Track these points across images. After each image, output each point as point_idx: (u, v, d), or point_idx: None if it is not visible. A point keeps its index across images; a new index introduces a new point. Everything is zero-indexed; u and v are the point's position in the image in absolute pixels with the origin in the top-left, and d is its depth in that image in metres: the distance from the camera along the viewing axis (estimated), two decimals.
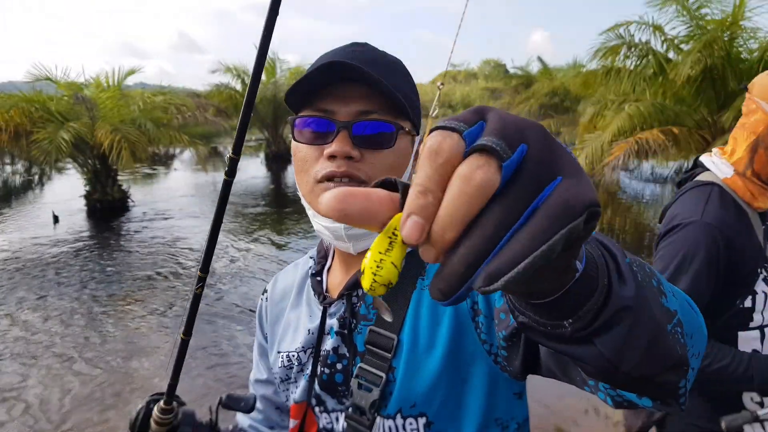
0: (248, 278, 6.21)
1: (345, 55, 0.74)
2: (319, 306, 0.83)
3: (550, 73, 20.89)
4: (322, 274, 0.87)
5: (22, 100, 9.48)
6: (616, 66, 9.20)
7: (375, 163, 0.73)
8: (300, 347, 0.84)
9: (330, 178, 0.72)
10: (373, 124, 0.73)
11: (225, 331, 4.67)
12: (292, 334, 0.87)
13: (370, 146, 0.73)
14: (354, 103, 0.72)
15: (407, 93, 0.75)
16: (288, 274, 0.96)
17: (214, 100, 16.88)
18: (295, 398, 0.84)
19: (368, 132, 0.73)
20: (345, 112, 0.72)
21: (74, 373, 3.96)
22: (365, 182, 0.72)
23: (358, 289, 0.79)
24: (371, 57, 0.76)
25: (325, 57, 0.77)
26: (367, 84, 0.71)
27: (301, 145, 0.75)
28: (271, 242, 7.99)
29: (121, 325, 4.88)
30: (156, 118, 10.72)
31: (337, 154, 0.71)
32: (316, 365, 0.81)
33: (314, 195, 0.74)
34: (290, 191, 13.45)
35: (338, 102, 0.72)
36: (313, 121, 0.73)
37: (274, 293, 0.95)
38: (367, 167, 0.73)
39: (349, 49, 0.76)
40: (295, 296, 0.91)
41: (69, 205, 10.62)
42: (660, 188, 12.93)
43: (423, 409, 0.71)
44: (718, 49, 7.58)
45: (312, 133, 0.74)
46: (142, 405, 0.76)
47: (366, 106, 0.72)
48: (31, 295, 5.68)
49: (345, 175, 0.71)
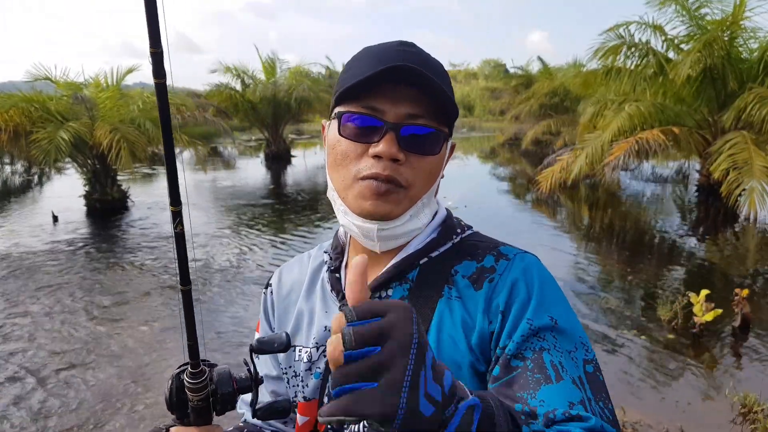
0: (249, 280, 6.20)
1: (398, 56, 0.72)
2: (337, 303, 0.82)
3: (550, 72, 20.88)
4: (340, 270, 0.86)
5: (21, 100, 9.46)
6: (617, 66, 9.20)
7: (417, 167, 0.73)
8: (313, 343, 0.83)
9: (373, 178, 0.72)
10: (423, 129, 0.72)
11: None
12: (307, 328, 0.86)
13: (416, 151, 0.72)
14: (403, 105, 0.71)
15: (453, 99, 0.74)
16: (293, 267, 0.95)
17: (213, 100, 16.88)
18: (306, 395, 0.83)
19: (417, 136, 0.72)
20: (394, 113, 0.71)
21: (74, 372, 3.96)
22: (404, 187, 0.73)
23: (380, 290, 0.78)
24: (423, 59, 0.75)
25: (373, 54, 0.75)
26: (418, 87, 0.71)
27: (342, 140, 0.74)
28: (271, 242, 7.98)
29: (121, 323, 4.87)
30: (155, 117, 10.68)
31: (383, 155, 0.70)
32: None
33: (352, 191, 0.73)
34: (291, 191, 13.44)
35: (388, 102, 0.71)
36: (359, 117, 0.72)
37: (280, 287, 0.93)
38: (409, 172, 0.72)
39: (399, 48, 0.75)
40: (306, 289, 0.89)
41: (68, 204, 10.62)
42: (660, 188, 12.92)
43: None
44: (718, 48, 7.58)
45: (358, 129, 0.72)
46: (171, 378, 0.72)
47: (415, 109, 0.71)
48: (31, 295, 5.67)
49: (388, 179, 0.71)
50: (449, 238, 0.80)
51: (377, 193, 0.71)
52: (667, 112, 8.60)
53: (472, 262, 0.77)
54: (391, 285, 0.78)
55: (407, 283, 0.78)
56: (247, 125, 22.05)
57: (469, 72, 47.76)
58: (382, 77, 0.68)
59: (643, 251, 7.50)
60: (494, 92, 32.89)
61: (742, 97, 7.47)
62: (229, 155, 23.62)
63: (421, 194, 0.76)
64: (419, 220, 0.77)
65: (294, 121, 21.83)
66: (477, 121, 32.00)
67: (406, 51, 0.74)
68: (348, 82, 0.72)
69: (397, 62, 0.69)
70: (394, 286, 0.78)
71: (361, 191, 0.72)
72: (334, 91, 0.78)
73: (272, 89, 18.10)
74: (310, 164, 19.25)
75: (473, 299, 0.73)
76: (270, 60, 19.12)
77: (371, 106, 0.71)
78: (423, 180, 0.75)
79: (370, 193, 0.72)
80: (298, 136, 31.06)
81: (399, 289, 0.78)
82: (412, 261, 0.78)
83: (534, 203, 11.22)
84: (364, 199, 0.72)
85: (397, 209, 0.74)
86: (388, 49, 0.74)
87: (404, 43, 0.77)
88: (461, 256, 0.78)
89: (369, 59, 0.74)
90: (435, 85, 0.69)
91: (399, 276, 0.78)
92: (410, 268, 0.78)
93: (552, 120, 16.75)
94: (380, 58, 0.72)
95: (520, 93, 22.42)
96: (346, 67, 0.77)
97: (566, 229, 9.14)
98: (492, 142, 25.94)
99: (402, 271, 0.78)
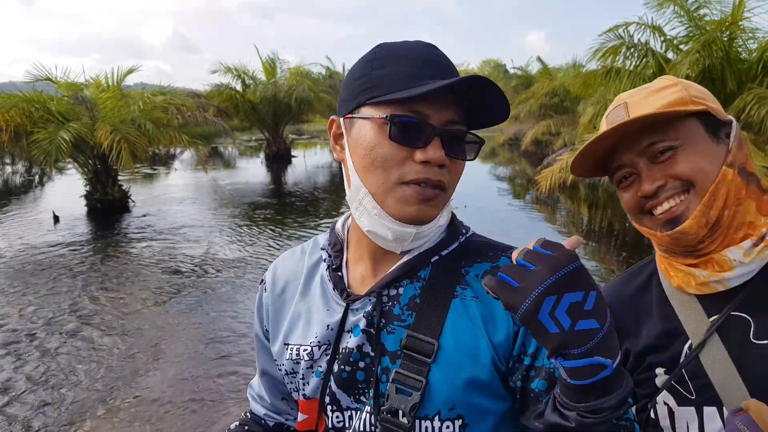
0: (248, 281, 6.22)
1: (435, 60, 0.74)
2: (341, 302, 0.81)
3: (549, 73, 20.89)
4: (341, 268, 0.85)
5: (22, 100, 9.47)
6: (616, 66, 9.20)
7: (454, 171, 0.76)
8: (315, 341, 0.82)
9: (423, 182, 0.72)
10: (466, 135, 0.75)
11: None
12: (304, 327, 0.84)
13: (458, 156, 0.74)
14: (446, 111, 0.72)
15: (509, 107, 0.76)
16: (287, 261, 0.93)
17: (214, 100, 16.88)
18: (306, 394, 0.83)
19: (460, 142, 0.74)
20: (438, 119, 0.72)
21: (75, 372, 3.98)
22: (445, 191, 0.75)
23: (390, 288, 0.79)
24: (451, 63, 0.77)
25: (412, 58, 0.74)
26: (457, 94, 0.72)
27: (385, 142, 0.71)
28: (270, 243, 7.99)
29: (122, 322, 4.89)
30: (156, 118, 10.71)
31: (433, 160, 0.71)
32: (333, 362, 0.80)
33: (393, 194, 0.73)
34: (290, 191, 13.45)
35: (431, 107, 0.71)
36: (409, 122, 0.71)
37: (275, 284, 0.91)
38: (450, 175, 0.75)
39: (434, 52, 0.75)
40: (303, 285, 0.88)
41: (69, 205, 10.63)
42: None
43: (461, 412, 0.73)
44: (716, 49, 7.58)
45: (405, 133, 0.71)
46: None
47: (455, 115, 0.73)
48: (31, 295, 5.69)
49: (438, 184, 0.73)
50: (456, 239, 0.82)
51: (424, 198, 0.72)
52: None
53: (484, 264, 0.78)
54: (401, 283, 0.79)
55: (419, 281, 0.78)
56: (248, 125, 22.07)
57: (469, 72, 47.79)
58: (458, 87, 0.69)
59: (643, 251, 7.51)
60: None
61: (742, 97, 7.48)
62: (229, 155, 23.64)
63: (450, 196, 0.78)
64: (441, 221, 0.79)
65: (294, 121, 21.86)
66: None
67: (439, 55, 0.76)
68: (391, 83, 0.72)
69: (439, 67, 0.72)
70: (404, 284, 0.78)
71: (405, 196, 0.72)
72: (356, 88, 0.75)
73: (272, 89, 18.11)
74: (310, 164, 19.27)
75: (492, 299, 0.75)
76: (270, 60, 19.13)
77: (417, 110, 0.71)
78: (455, 183, 0.78)
79: (416, 197, 0.72)
80: (299, 137, 31.06)
81: (410, 287, 0.78)
82: (423, 258, 0.79)
83: (533, 203, 11.24)
84: (408, 204, 0.72)
85: (436, 212, 0.76)
86: (423, 52, 0.75)
87: (429, 45, 0.77)
88: (470, 256, 0.80)
89: (408, 61, 0.73)
90: (503, 100, 0.72)
91: (410, 273, 0.78)
92: (422, 266, 0.79)
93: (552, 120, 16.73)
94: (422, 62, 0.73)
95: (520, 93, 22.42)
96: (374, 64, 0.75)
97: (566, 230, 9.16)
98: (492, 142, 25.95)
99: (413, 269, 0.78)
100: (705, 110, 0.85)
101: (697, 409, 0.85)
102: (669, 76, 0.92)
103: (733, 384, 0.81)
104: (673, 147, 0.83)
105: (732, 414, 0.78)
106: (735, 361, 0.81)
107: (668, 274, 0.93)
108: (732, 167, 0.83)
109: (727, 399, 0.81)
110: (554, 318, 0.58)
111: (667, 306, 0.92)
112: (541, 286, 0.58)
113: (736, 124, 0.88)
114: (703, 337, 0.84)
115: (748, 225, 0.84)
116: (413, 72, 0.71)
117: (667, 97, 0.85)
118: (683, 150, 0.83)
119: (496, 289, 0.62)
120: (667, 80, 0.89)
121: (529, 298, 0.58)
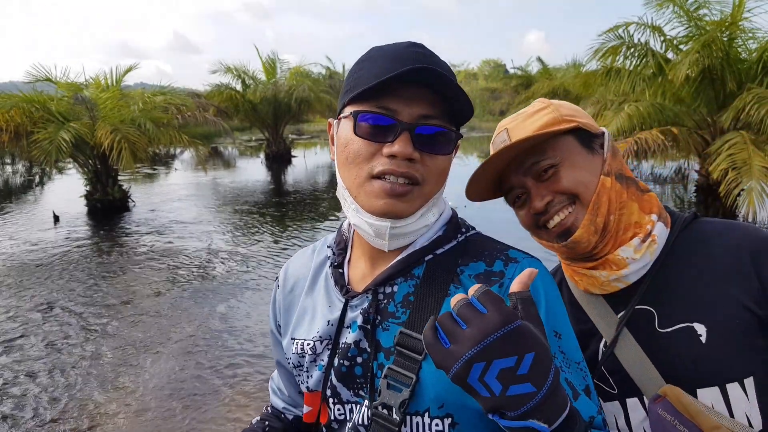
0: (248, 282, 6.22)
1: (413, 57, 0.74)
2: (341, 298, 0.83)
3: (549, 73, 20.91)
4: (343, 266, 0.87)
5: (22, 101, 9.48)
6: (616, 66, 9.21)
7: (430, 166, 0.75)
8: (317, 336, 0.84)
9: (389, 174, 0.73)
10: (436, 129, 0.74)
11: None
12: (309, 322, 0.87)
13: (430, 150, 0.74)
14: (417, 106, 0.73)
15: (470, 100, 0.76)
16: (299, 260, 0.96)
17: (214, 100, 16.89)
18: (309, 386, 0.85)
19: (430, 136, 0.74)
20: (407, 114, 0.72)
21: (74, 371, 3.98)
22: (419, 184, 0.74)
23: (385, 286, 0.80)
24: (437, 61, 0.76)
25: (387, 55, 0.75)
26: (430, 88, 0.72)
27: (356, 139, 0.74)
28: (270, 243, 8.00)
29: (121, 321, 4.90)
30: (156, 118, 10.71)
31: (398, 154, 0.72)
32: (333, 356, 0.81)
33: (364, 189, 0.75)
34: (290, 191, 13.46)
35: (401, 102, 0.72)
36: (374, 117, 0.73)
37: (286, 282, 0.95)
38: (423, 169, 0.75)
39: (413, 49, 0.76)
40: (310, 282, 0.90)
41: (70, 204, 10.64)
42: (659, 188, 12.94)
43: (450, 411, 0.73)
44: (716, 49, 7.59)
45: (371, 128, 0.73)
46: None
47: (428, 109, 0.73)
48: (32, 295, 5.69)
49: (404, 175, 0.73)
50: (454, 237, 0.82)
51: (393, 193, 0.73)
52: (666, 113, 8.61)
53: (479, 264, 0.79)
54: (395, 280, 0.80)
55: (413, 279, 0.79)
56: (248, 125, 22.09)
57: (469, 72, 47.78)
58: (401, 78, 0.69)
59: None
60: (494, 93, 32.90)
61: (741, 97, 7.48)
62: (229, 155, 23.64)
63: (432, 192, 0.78)
64: (428, 218, 0.80)
65: (294, 121, 21.86)
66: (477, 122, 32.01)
67: (419, 53, 0.75)
68: (364, 81, 0.73)
69: (415, 64, 0.71)
70: (399, 282, 0.80)
71: (374, 190, 0.74)
72: (343, 90, 0.78)
73: (272, 89, 18.12)
74: (310, 164, 19.28)
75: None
76: (270, 60, 19.14)
77: (385, 106, 0.73)
78: (435, 178, 0.77)
79: (384, 192, 0.73)
80: (299, 137, 31.06)
81: (404, 285, 0.79)
82: (418, 257, 0.80)
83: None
84: (378, 197, 0.74)
85: (411, 207, 0.76)
86: (401, 50, 0.76)
87: (415, 44, 0.78)
88: (467, 256, 0.80)
89: (383, 60, 0.75)
90: (454, 88, 0.71)
91: (404, 271, 0.80)
92: (416, 264, 0.80)
93: None
94: (395, 58, 0.73)
95: (520, 93, 22.44)
96: (357, 67, 0.78)
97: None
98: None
99: (407, 267, 0.79)
100: (577, 126, 0.92)
101: (621, 402, 0.91)
102: (542, 99, 1.00)
103: (648, 373, 0.86)
104: (554, 164, 0.90)
105: (652, 402, 0.84)
106: (646, 352, 0.88)
107: (574, 279, 0.99)
108: (609, 175, 0.91)
109: (645, 388, 0.86)
110: (484, 383, 0.56)
111: (577, 309, 0.98)
112: (468, 353, 0.55)
113: (609, 134, 0.95)
114: (614, 333, 0.91)
115: (635, 224, 0.91)
116: (380, 71, 0.72)
117: (541, 119, 0.92)
118: (563, 166, 0.90)
119: (430, 346, 0.59)
120: (539, 104, 0.96)
121: (457, 363, 0.56)
